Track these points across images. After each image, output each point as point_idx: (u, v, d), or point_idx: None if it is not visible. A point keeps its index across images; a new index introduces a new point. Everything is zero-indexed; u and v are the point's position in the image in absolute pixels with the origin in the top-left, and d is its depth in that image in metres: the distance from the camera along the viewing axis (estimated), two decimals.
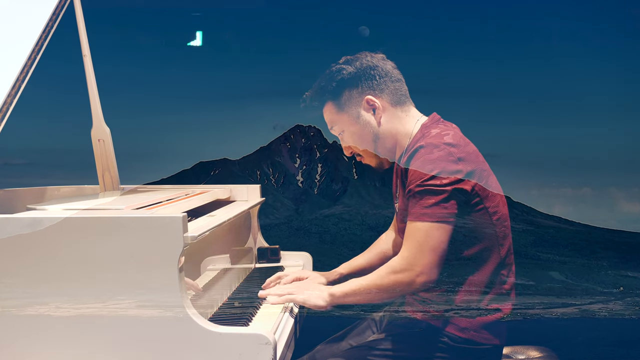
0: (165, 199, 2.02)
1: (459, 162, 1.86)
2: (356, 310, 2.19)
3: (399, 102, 2.04)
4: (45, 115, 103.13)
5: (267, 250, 2.50)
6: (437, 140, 1.90)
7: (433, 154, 1.87)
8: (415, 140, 1.95)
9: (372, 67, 2.03)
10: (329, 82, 2.05)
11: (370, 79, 2.03)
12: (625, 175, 65.72)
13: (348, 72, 2.03)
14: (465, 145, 1.92)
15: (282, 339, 1.79)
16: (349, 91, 2.03)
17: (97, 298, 1.64)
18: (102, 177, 2.33)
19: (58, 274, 1.63)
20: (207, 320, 1.65)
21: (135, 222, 1.64)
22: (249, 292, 2.12)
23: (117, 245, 1.62)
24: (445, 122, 2.01)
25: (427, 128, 1.98)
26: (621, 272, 17.81)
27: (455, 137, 1.92)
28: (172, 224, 1.62)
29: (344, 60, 2.06)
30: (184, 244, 1.62)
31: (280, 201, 27.84)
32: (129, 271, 1.62)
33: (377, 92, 2.03)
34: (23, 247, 1.62)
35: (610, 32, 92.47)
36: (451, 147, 1.88)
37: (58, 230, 1.62)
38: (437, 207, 1.84)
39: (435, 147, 1.88)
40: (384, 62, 2.05)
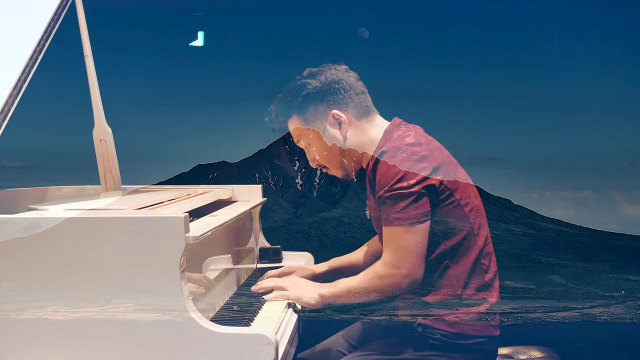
0: (167, 199, 2.03)
1: (423, 160, 1.90)
2: (355, 315, 2.20)
3: (364, 114, 2.07)
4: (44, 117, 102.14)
5: (269, 251, 2.52)
6: (399, 142, 1.94)
7: (397, 157, 1.91)
8: (380, 147, 1.99)
9: (337, 81, 2.06)
10: (294, 97, 2.07)
11: (335, 93, 2.05)
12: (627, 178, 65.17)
13: (313, 87, 2.05)
14: (427, 143, 1.96)
15: (285, 338, 1.80)
16: (314, 106, 2.05)
17: (100, 297, 1.65)
18: (104, 177, 2.34)
19: (58, 276, 1.63)
20: (209, 320, 1.66)
21: (137, 222, 1.65)
22: (251, 292, 2.12)
23: (119, 246, 1.63)
24: (407, 125, 2.05)
25: (389, 133, 2.02)
26: (622, 276, 17.79)
27: (417, 136, 1.96)
28: (174, 224, 1.63)
29: (308, 74, 2.08)
30: (186, 244, 1.63)
31: (279, 204, 27.80)
32: (130, 271, 1.63)
33: (343, 106, 2.05)
34: (23, 249, 1.63)
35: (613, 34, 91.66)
36: (414, 147, 1.92)
37: (59, 231, 1.63)
38: (409, 209, 1.87)
39: (398, 149, 1.92)
40: (347, 75, 2.07)
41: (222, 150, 11.83)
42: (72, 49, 2.29)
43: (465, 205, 1.95)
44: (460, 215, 1.95)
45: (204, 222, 1.92)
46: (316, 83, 2.05)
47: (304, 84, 2.05)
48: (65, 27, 2.06)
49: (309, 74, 2.07)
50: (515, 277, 16.36)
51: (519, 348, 2.15)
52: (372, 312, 2.13)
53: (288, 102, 2.07)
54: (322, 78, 2.05)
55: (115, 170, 2.37)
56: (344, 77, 2.06)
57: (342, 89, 2.05)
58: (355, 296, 1.95)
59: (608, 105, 22.64)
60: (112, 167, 2.34)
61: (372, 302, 1.99)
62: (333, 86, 2.05)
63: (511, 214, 26.95)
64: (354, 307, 2.02)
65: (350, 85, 2.06)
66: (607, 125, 23.36)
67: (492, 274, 1.99)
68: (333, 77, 2.05)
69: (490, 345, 1.97)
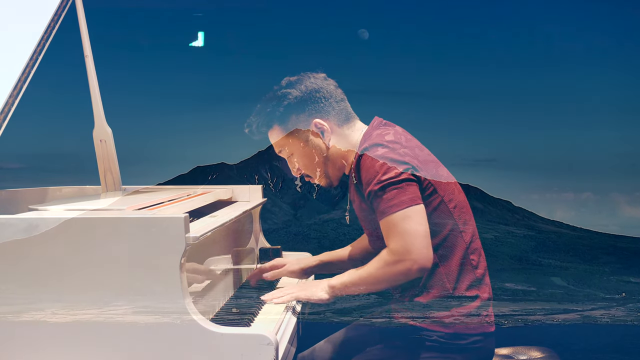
0: (167, 199, 2.04)
1: (404, 155, 1.91)
2: (355, 317, 2.20)
3: (345, 120, 2.09)
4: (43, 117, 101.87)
5: (269, 251, 2.52)
6: (379, 139, 1.97)
7: (378, 151, 1.93)
8: (360, 147, 2.00)
9: (317, 90, 2.07)
10: (275, 108, 2.08)
11: (317, 102, 2.06)
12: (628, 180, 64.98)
13: (294, 97, 2.06)
14: (407, 141, 1.99)
15: (285, 338, 1.80)
16: (296, 116, 2.07)
17: (100, 298, 1.65)
18: (104, 177, 2.35)
19: (57, 278, 1.64)
20: (209, 320, 1.67)
21: (137, 222, 1.65)
22: (251, 292, 2.13)
23: (119, 246, 1.64)
24: (387, 124, 2.07)
25: (368, 133, 2.04)
26: (623, 278, 17.75)
27: (396, 134, 1.99)
28: (174, 225, 1.64)
29: (286, 83, 2.09)
30: (186, 244, 1.63)
31: (278, 206, 27.74)
32: (130, 272, 1.63)
33: (324, 114, 2.07)
34: (21, 250, 1.64)
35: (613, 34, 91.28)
36: (394, 144, 1.95)
37: (58, 232, 1.63)
38: (401, 195, 1.89)
39: (378, 145, 1.94)
40: (327, 83, 2.09)
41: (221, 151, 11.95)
42: (72, 50, 2.30)
43: (450, 201, 1.97)
44: (444, 212, 1.96)
45: (204, 222, 1.92)
46: (297, 92, 2.06)
47: (285, 94, 2.06)
48: (65, 27, 2.07)
49: (288, 84, 2.08)
50: (516, 279, 16.32)
51: (518, 348, 2.16)
52: (372, 315, 2.14)
53: (269, 112, 2.08)
54: (303, 87, 2.06)
55: (115, 171, 2.38)
56: (324, 85, 2.08)
57: (322, 98, 2.07)
58: (365, 285, 1.96)
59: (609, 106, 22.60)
60: (112, 167, 2.35)
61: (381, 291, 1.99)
62: (314, 95, 2.06)
63: (511, 215, 26.90)
64: (354, 310, 2.03)
65: (330, 93, 2.08)
66: (608, 127, 23.36)
67: (483, 269, 1.99)
68: (313, 85, 2.07)
69: (486, 343, 1.98)
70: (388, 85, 16.95)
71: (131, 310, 1.63)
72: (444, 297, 1.97)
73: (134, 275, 1.63)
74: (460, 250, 1.96)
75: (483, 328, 1.96)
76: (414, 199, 1.89)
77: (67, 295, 1.64)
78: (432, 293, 1.96)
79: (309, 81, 2.07)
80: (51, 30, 2.00)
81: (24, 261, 1.64)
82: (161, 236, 1.63)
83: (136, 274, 1.63)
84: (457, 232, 1.97)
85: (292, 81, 2.07)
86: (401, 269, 1.88)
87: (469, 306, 1.96)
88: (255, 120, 2.10)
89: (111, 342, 1.65)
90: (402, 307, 2.00)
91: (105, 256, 1.63)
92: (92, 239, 1.64)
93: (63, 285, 1.64)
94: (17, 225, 1.63)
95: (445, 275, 1.95)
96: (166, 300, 1.62)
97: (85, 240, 1.64)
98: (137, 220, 1.66)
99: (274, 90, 2.09)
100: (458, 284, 1.96)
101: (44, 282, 1.64)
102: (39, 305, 1.64)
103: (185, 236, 1.63)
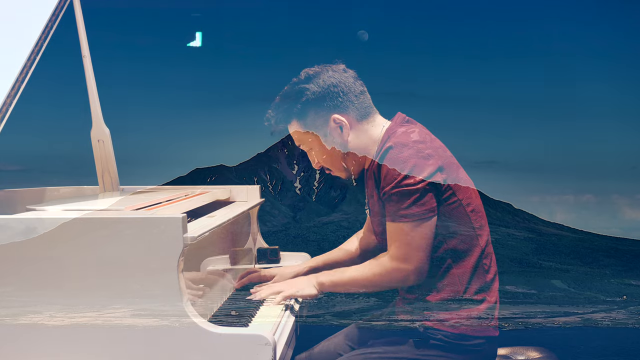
0: (165, 199, 2.04)
1: (429, 158, 1.91)
2: (354, 320, 2.21)
3: (364, 115, 2.07)
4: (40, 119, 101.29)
5: (267, 251, 2.53)
6: (405, 138, 1.95)
7: (403, 153, 1.92)
8: (383, 143, 1.99)
9: (335, 85, 2.04)
10: (293, 103, 2.06)
11: (335, 97, 2.04)
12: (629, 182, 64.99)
13: (312, 92, 2.03)
14: (431, 141, 1.98)
15: (282, 339, 1.81)
16: (314, 112, 2.05)
17: (99, 296, 1.66)
18: (102, 177, 2.36)
19: (56, 278, 1.64)
20: (207, 321, 1.67)
21: (134, 222, 1.66)
22: (249, 293, 2.13)
23: (117, 246, 1.64)
24: (410, 120, 2.06)
25: (392, 130, 2.02)
26: (624, 281, 17.75)
27: (421, 134, 1.98)
28: (172, 225, 1.65)
29: (305, 76, 2.05)
30: (184, 244, 1.64)
31: (277, 208, 27.70)
32: (128, 271, 1.64)
33: (343, 109, 2.04)
34: (18, 252, 1.64)
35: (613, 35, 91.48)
36: (419, 144, 1.93)
37: (56, 232, 1.64)
38: (415, 206, 1.89)
39: (404, 145, 1.93)
40: (345, 76, 2.06)
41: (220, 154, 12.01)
42: (70, 50, 2.31)
43: (467, 205, 1.97)
44: (462, 215, 1.96)
45: (201, 222, 1.93)
46: (315, 88, 2.03)
47: (302, 89, 2.04)
48: (63, 28, 2.08)
49: (306, 77, 2.05)
50: (516, 282, 16.31)
51: (517, 349, 2.16)
52: (372, 318, 2.14)
53: (287, 108, 2.07)
54: (321, 82, 2.04)
55: (113, 171, 2.38)
56: (342, 78, 2.05)
57: (341, 92, 2.04)
58: (357, 287, 1.98)
59: (609, 108, 22.65)
60: (110, 167, 2.36)
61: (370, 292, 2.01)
62: (332, 90, 2.04)
63: (512, 218, 26.87)
64: (353, 313, 2.05)
65: (349, 87, 2.05)
66: (609, 129, 23.39)
67: (493, 274, 2.00)
68: (331, 80, 2.04)
69: (489, 346, 1.99)
70: (387, 86, 16.95)
71: (129, 312, 1.64)
72: (453, 298, 1.98)
73: (131, 275, 1.64)
74: (475, 254, 1.97)
75: (488, 332, 1.97)
76: (427, 212, 1.90)
77: (65, 297, 1.64)
78: (443, 294, 1.97)
79: (327, 75, 2.04)
80: (49, 30, 2.01)
81: (21, 263, 1.65)
82: (159, 236, 1.64)
83: (134, 274, 1.64)
84: (474, 235, 1.97)
85: (310, 75, 2.04)
86: (399, 277, 1.92)
87: (475, 309, 1.97)
88: (274, 116, 2.08)
89: (109, 343, 1.65)
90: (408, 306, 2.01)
91: (103, 256, 1.64)
92: (91, 239, 1.64)
93: (61, 286, 1.64)
94: (15, 225, 1.63)
95: (458, 277, 1.96)
96: (164, 300, 1.63)
97: (83, 240, 1.64)
98: (135, 220, 1.67)
99: (292, 83, 2.07)
100: (469, 286, 1.97)
101: (42, 284, 1.64)
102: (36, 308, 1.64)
103: (183, 236, 1.64)
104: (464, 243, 1.96)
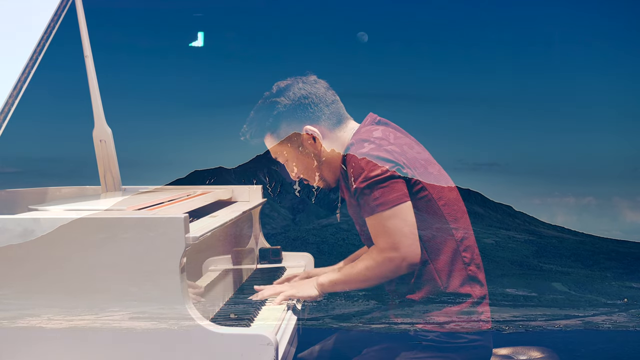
0: (167, 200, 2.05)
1: (390, 152, 1.93)
2: (354, 322, 2.23)
3: (336, 123, 2.11)
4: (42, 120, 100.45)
5: (269, 251, 2.54)
6: (366, 135, 1.99)
7: (364, 147, 1.96)
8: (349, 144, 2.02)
9: (305, 96, 2.08)
10: (266, 118, 2.10)
11: (306, 109, 2.08)
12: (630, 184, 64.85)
13: (283, 105, 2.08)
14: (395, 139, 2.00)
15: (285, 338, 1.82)
16: (287, 124, 2.09)
17: (102, 294, 1.67)
18: (104, 177, 2.36)
19: (57, 278, 1.65)
20: (209, 320, 1.68)
21: (137, 222, 1.67)
22: (251, 293, 2.15)
23: (119, 246, 1.66)
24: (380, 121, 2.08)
25: (358, 131, 2.05)
26: (625, 283, 17.76)
27: (385, 131, 2.01)
28: (174, 225, 1.66)
29: (276, 90, 2.11)
30: (186, 244, 1.65)
31: (277, 211, 27.67)
32: (130, 271, 1.65)
33: (314, 120, 2.09)
34: (16, 254, 1.65)
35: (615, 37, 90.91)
36: (381, 140, 1.96)
37: (56, 232, 1.65)
38: (388, 193, 1.92)
39: (365, 140, 1.97)
40: (316, 87, 2.10)
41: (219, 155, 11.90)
42: (72, 50, 2.31)
43: (439, 199, 1.99)
44: (433, 208, 1.98)
45: (204, 222, 1.94)
46: (286, 101, 2.07)
47: (274, 103, 2.08)
48: (65, 27, 2.08)
49: (278, 91, 2.10)
50: (517, 285, 16.27)
51: (518, 348, 2.18)
52: (371, 321, 2.15)
53: (260, 122, 2.11)
54: (291, 94, 2.08)
55: (115, 171, 2.39)
56: (313, 90, 2.09)
57: (312, 103, 2.08)
58: (355, 283, 2.00)
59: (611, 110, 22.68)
60: (112, 167, 2.36)
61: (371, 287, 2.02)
62: (302, 102, 2.08)
63: (512, 220, 26.83)
64: (353, 316, 2.05)
65: (319, 97, 2.09)
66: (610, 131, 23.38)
67: (475, 266, 2.01)
68: (301, 92, 2.08)
69: (483, 341, 2.00)
70: (387, 88, 16.91)
71: (131, 311, 1.65)
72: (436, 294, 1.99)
73: (133, 276, 1.65)
74: (450, 247, 1.98)
75: (479, 326, 1.97)
76: (401, 197, 1.92)
77: (64, 299, 1.65)
78: (424, 290, 1.98)
79: (297, 87, 2.08)
80: (51, 30, 2.02)
81: (21, 264, 1.66)
82: (161, 236, 1.65)
83: (136, 274, 1.65)
84: (447, 229, 1.99)
85: (282, 88, 2.09)
86: (390, 266, 1.93)
87: (462, 304, 1.98)
88: (249, 130, 2.13)
89: (110, 345, 1.66)
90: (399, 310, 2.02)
91: (105, 256, 1.65)
92: (93, 238, 1.66)
93: (61, 287, 1.65)
94: (17, 224, 1.64)
95: (436, 272, 1.98)
96: (166, 300, 1.64)
97: (85, 240, 1.65)
98: (137, 220, 1.69)
99: (264, 97, 2.11)
100: (450, 281, 1.98)
101: (42, 285, 1.65)
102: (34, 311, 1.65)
103: (185, 236, 1.65)
104: (437, 237, 1.97)
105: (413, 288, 2.00)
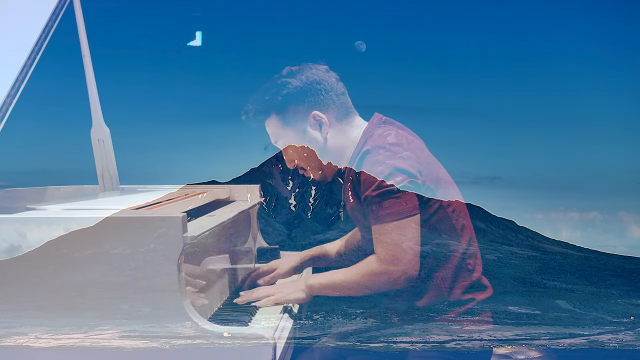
0: (165, 199, 2.09)
1: (406, 159, 1.95)
2: (352, 341, 2.25)
3: (344, 115, 2.12)
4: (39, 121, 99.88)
5: (267, 251, 2.57)
6: (381, 141, 2.00)
7: (380, 155, 1.97)
8: (360, 146, 2.04)
9: (318, 82, 2.09)
10: (274, 96, 2.10)
11: (316, 94, 2.09)
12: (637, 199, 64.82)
13: (294, 86, 2.08)
14: (409, 143, 2.02)
15: (283, 338, 1.86)
16: (295, 106, 2.10)
17: (102, 295, 1.70)
18: (102, 177, 2.40)
19: (54, 275, 1.68)
20: (207, 320, 1.72)
21: (135, 222, 1.71)
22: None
23: (118, 245, 1.69)
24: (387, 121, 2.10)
25: (369, 132, 2.08)
26: (632, 301, 17.58)
27: (398, 135, 2.03)
28: (172, 224, 1.70)
29: (287, 72, 2.11)
30: (184, 243, 1.69)
31: (271, 226, 27.46)
32: (128, 269, 1.69)
33: (323, 107, 2.10)
34: (5, 264, 1.68)
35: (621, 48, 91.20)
36: (396, 147, 1.98)
37: (54, 232, 1.68)
38: (398, 205, 1.94)
39: (381, 148, 1.98)
40: (328, 75, 2.11)
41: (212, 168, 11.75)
42: (70, 49, 2.35)
43: (448, 206, 2.02)
44: (443, 216, 2.01)
45: (202, 221, 1.98)
46: (297, 82, 2.08)
47: (284, 82, 2.09)
48: (63, 27, 2.12)
49: (289, 73, 2.10)
50: (520, 302, 16.22)
51: (517, 348, 2.20)
52: (370, 340, 2.17)
53: (267, 100, 2.11)
54: (303, 78, 2.09)
55: (113, 170, 2.44)
56: (325, 77, 2.11)
57: (323, 90, 2.10)
58: (346, 290, 2.01)
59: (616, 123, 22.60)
60: (109, 166, 2.41)
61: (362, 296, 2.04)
62: (314, 87, 2.09)
63: (515, 235, 26.74)
64: (351, 334, 2.07)
65: (331, 86, 2.11)
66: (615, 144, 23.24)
67: (479, 273, 2.04)
68: (314, 77, 2.09)
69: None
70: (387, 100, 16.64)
71: (130, 310, 1.68)
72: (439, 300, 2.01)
73: (131, 273, 1.68)
74: (456, 255, 2.01)
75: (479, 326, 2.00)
76: (411, 209, 1.94)
77: (64, 297, 1.68)
78: (428, 296, 2.00)
79: (310, 72, 2.09)
80: (49, 30, 2.06)
81: (21, 265, 1.68)
82: (159, 235, 1.69)
83: (134, 271, 1.68)
84: (455, 236, 2.01)
85: (294, 70, 2.10)
86: (388, 278, 1.95)
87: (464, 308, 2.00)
88: (253, 108, 2.12)
89: (110, 340, 1.69)
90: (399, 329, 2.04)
91: (104, 254, 1.69)
92: (91, 237, 1.69)
93: (58, 284, 1.68)
94: (15, 224, 1.68)
95: (442, 279, 2.00)
96: (163, 298, 1.68)
97: (83, 238, 1.69)
98: (135, 219, 1.72)
99: (273, 78, 2.11)
100: (454, 288, 2.00)
101: (39, 284, 1.68)
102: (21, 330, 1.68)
103: (183, 235, 1.69)
104: (445, 244, 2.00)
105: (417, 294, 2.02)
